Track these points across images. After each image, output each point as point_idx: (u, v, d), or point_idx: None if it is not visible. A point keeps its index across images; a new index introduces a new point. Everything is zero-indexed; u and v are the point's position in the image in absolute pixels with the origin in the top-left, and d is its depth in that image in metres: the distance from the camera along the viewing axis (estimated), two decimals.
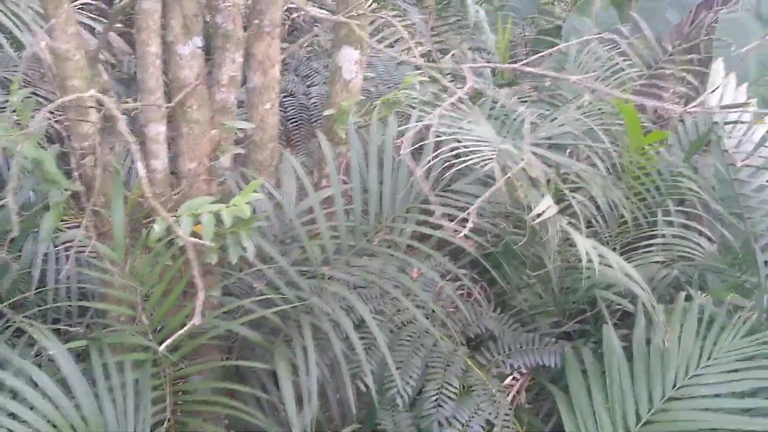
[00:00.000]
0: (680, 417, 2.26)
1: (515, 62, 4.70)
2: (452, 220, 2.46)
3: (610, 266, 2.12)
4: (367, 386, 2.35)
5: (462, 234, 1.94)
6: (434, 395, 2.44)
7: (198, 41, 2.38)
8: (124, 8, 2.32)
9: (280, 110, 3.77)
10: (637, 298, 2.39)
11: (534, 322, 2.91)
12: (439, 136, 2.41)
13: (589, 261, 2.12)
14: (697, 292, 2.55)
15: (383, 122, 2.69)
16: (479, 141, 2.34)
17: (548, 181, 2.38)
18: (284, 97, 4.23)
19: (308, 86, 4.41)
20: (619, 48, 4.19)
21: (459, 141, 2.35)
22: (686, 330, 2.43)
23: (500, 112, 3.42)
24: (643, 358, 2.40)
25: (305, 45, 4.57)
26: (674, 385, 2.34)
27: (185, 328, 1.81)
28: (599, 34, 4.19)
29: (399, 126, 2.69)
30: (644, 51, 4.16)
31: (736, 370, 2.32)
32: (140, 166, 1.95)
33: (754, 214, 2.40)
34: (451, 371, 2.48)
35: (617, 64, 3.73)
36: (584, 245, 2.10)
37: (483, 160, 2.16)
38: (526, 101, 3.76)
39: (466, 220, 1.91)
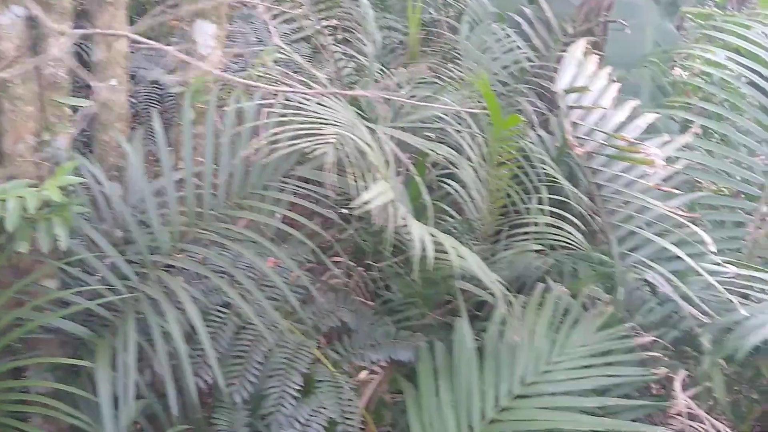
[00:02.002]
0: (525, 416, 2.15)
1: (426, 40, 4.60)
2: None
3: (444, 252, 1.99)
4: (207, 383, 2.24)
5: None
6: (275, 392, 2.30)
7: (18, 10, 2.19)
8: None
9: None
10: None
11: (403, 313, 2.78)
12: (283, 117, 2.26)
13: (443, 252, 2.00)
14: (556, 284, 2.44)
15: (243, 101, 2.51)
16: (324, 123, 2.20)
17: (389, 164, 2.24)
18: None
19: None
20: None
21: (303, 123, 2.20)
22: (539, 324, 2.32)
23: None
24: (494, 354, 2.29)
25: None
26: (522, 382, 2.23)
27: None
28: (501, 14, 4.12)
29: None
30: (544, 33, 4.06)
31: (587, 366, 2.22)
32: None
33: (609, 204, 2.28)
34: (294, 367, 2.34)
35: (515, 46, 3.61)
36: (418, 232, 1.97)
37: (315, 145, 2.01)
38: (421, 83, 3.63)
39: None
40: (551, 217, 2.82)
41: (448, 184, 2.78)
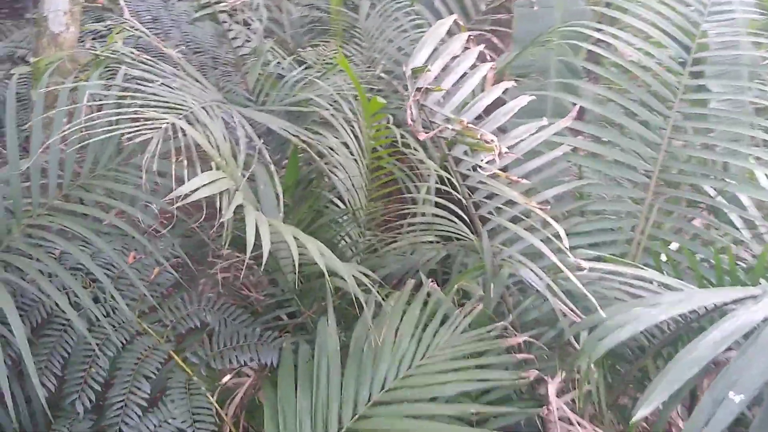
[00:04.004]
0: (381, 425, 1.98)
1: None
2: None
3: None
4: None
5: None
6: (120, 400, 2.12)
7: None
8: None
9: None
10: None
11: (279, 312, 2.62)
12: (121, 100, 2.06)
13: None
14: (429, 279, 2.28)
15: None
16: (163, 106, 2.00)
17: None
18: None
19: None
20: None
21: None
22: (406, 323, 2.16)
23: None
24: (357, 356, 2.12)
25: None
26: (383, 387, 2.06)
27: None
28: None
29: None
30: (457, 10, 3.89)
31: (455, 370, 2.06)
32: None
33: (477, 195, 2.12)
34: (142, 372, 2.16)
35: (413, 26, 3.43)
36: (252, 222, 1.78)
37: (135, 131, 1.81)
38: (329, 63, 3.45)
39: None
40: (437, 207, 2.67)
41: (333, 173, 2.61)
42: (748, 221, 2.50)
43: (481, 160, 1.77)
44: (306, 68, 3.04)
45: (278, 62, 3.15)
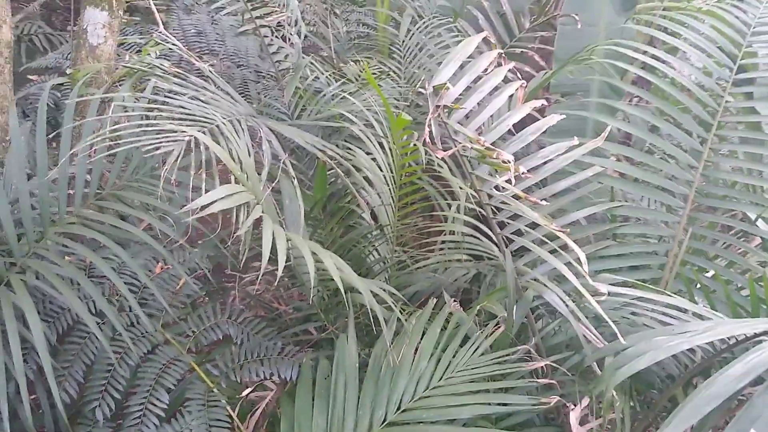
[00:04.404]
0: None
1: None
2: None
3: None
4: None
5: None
6: (138, 410, 2.13)
7: None
8: None
9: None
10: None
11: (304, 326, 2.61)
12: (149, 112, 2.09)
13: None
14: (451, 298, 2.24)
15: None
16: (188, 119, 2.02)
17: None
18: None
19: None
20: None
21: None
22: (425, 342, 2.12)
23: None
24: (375, 374, 2.10)
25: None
26: (399, 407, 2.03)
27: None
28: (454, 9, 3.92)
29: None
30: (500, 27, 3.86)
31: (470, 392, 2.02)
32: None
33: (501, 215, 2.07)
34: (161, 383, 2.17)
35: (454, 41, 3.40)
36: (268, 236, 1.77)
37: (158, 143, 1.83)
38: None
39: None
40: (467, 226, 2.63)
41: (363, 188, 2.60)
42: None
43: (503, 180, 1.73)
44: (343, 83, 3.04)
45: (316, 77, 3.16)
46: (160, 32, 2.38)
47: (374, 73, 3.29)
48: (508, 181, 1.70)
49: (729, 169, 2.44)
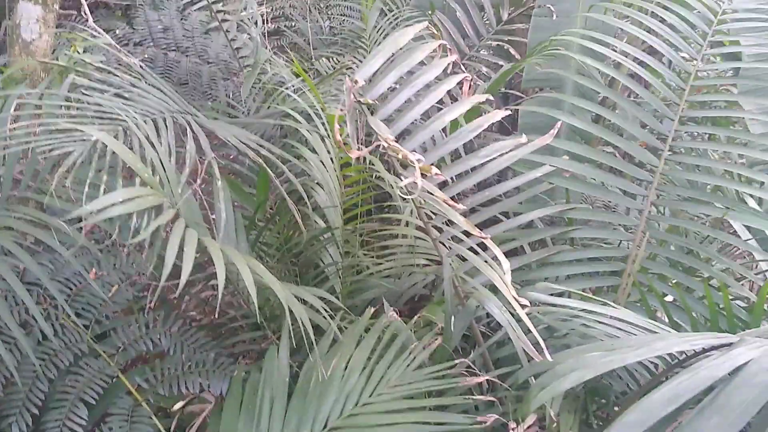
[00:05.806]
0: None
1: None
2: None
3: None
4: None
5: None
6: (54, 426, 2.01)
7: None
8: None
9: None
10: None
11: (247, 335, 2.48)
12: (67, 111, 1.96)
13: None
14: (389, 307, 2.10)
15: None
16: (101, 117, 1.89)
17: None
18: None
19: None
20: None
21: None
22: (358, 354, 1.98)
23: None
24: (303, 390, 1.96)
25: None
26: (325, 426, 1.89)
27: None
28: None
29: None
30: (478, 19, 3.72)
31: (404, 410, 1.88)
32: None
33: (436, 220, 1.93)
34: (79, 396, 2.05)
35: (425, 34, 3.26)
36: (176, 241, 1.63)
37: (62, 143, 1.70)
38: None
39: None
40: (419, 230, 2.49)
41: (313, 189, 2.47)
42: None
43: (431, 183, 1.59)
44: (301, 80, 2.90)
45: (274, 73, 3.03)
46: (86, 28, 2.26)
47: (349, 68, 3.15)
48: (445, 183, 1.56)
49: (692, 168, 2.28)
